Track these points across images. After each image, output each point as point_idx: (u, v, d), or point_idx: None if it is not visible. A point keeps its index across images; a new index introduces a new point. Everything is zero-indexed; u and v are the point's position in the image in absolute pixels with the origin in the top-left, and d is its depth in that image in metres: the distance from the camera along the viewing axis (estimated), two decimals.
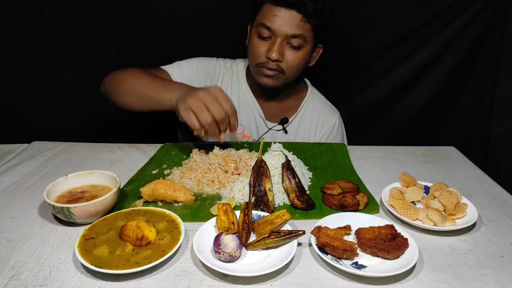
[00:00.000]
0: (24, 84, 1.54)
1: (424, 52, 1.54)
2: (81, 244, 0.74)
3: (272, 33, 1.22)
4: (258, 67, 1.28)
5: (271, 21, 1.20)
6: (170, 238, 0.76)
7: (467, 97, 1.62)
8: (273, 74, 1.27)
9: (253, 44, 1.27)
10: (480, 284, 0.70)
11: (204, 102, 0.98)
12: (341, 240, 0.75)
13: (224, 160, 1.07)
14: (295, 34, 1.21)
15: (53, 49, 1.48)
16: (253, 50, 1.28)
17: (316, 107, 1.46)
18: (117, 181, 0.90)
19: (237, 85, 1.42)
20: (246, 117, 1.41)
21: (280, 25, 1.20)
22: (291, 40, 1.22)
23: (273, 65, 1.24)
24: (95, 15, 1.44)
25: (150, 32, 1.48)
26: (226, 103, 1.00)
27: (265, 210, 0.89)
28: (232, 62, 1.46)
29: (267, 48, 1.24)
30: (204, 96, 0.98)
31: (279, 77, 1.28)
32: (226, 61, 1.46)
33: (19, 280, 0.69)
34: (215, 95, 0.99)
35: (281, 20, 1.19)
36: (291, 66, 1.26)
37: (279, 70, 1.26)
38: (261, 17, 1.23)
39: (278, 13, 1.19)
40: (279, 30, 1.20)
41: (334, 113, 1.48)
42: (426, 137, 1.72)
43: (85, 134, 1.43)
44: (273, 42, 1.22)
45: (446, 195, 0.89)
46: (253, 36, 1.28)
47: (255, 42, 1.26)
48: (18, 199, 0.95)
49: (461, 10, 1.45)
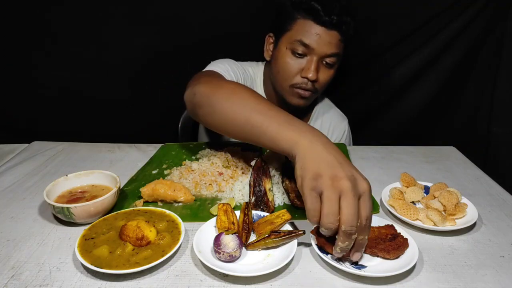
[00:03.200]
0: (24, 84, 1.54)
1: (424, 52, 1.54)
2: (81, 244, 0.74)
3: (309, 51, 1.16)
4: (292, 87, 1.22)
5: (310, 39, 1.14)
6: (170, 238, 0.76)
7: (467, 97, 1.62)
8: (308, 96, 1.23)
9: (285, 62, 1.20)
10: (480, 284, 0.70)
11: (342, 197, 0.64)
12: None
13: (224, 164, 1.07)
14: (333, 53, 1.17)
15: (53, 49, 1.48)
16: (285, 68, 1.20)
17: (326, 114, 1.45)
18: (117, 181, 0.90)
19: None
20: None
21: (320, 44, 1.14)
22: (326, 59, 1.18)
23: (309, 85, 1.20)
24: (95, 15, 1.44)
25: (150, 33, 1.48)
26: (365, 212, 0.65)
27: (265, 210, 0.89)
28: (254, 67, 1.38)
29: (303, 67, 1.18)
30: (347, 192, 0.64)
31: (312, 97, 1.26)
32: (247, 65, 1.37)
33: (19, 280, 0.69)
34: (360, 195, 0.66)
35: (323, 40, 1.14)
36: (324, 85, 1.24)
37: (312, 90, 1.22)
38: (297, 33, 1.16)
39: (319, 32, 1.14)
40: (318, 49, 1.15)
41: (343, 119, 1.48)
42: (426, 137, 1.72)
43: (85, 134, 1.43)
44: (310, 61, 1.17)
45: (446, 195, 0.89)
46: (284, 52, 1.20)
47: (288, 60, 1.19)
48: (18, 199, 0.95)
49: (461, 10, 1.45)
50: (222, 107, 0.86)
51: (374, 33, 1.52)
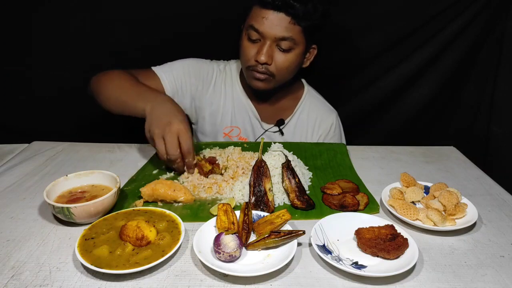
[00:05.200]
0: (24, 84, 1.53)
1: (424, 52, 1.54)
2: (81, 244, 0.74)
3: (261, 35, 1.20)
4: (248, 70, 1.27)
5: (259, 24, 1.18)
6: (170, 238, 0.76)
7: (467, 97, 1.62)
8: (263, 78, 1.25)
9: (243, 46, 1.26)
10: (480, 284, 0.70)
11: (164, 137, 0.99)
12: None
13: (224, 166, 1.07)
14: (284, 37, 1.18)
15: (53, 49, 1.48)
16: (243, 52, 1.26)
17: (313, 107, 1.44)
18: (117, 181, 0.90)
19: (231, 87, 1.40)
20: (242, 119, 1.40)
21: (268, 27, 1.18)
22: (280, 43, 1.20)
23: (262, 68, 1.23)
24: (96, 15, 1.44)
25: (150, 33, 1.48)
26: (185, 143, 1.00)
27: (265, 210, 0.89)
28: (226, 63, 1.45)
29: (256, 51, 1.22)
30: (166, 133, 0.99)
31: (270, 80, 1.26)
32: (219, 63, 1.44)
33: (19, 280, 0.69)
34: (177, 133, 0.99)
35: (270, 22, 1.17)
36: (281, 69, 1.24)
37: (268, 73, 1.24)
38: (251, 19, 1.22)
39: (266, 16, 1.17)
40: (267, 32, 1.18)
41: (331, 112, 1.46)
42: (426, 137, 1.72)
43: (85, 134, 1.43)
44: (262, 45, 1.21)
45: (446, 195, 0.89)
46: (243, 38, 1.26)
47: (245, 45, 1.25)
48: (18, 199, 0.95)
49: (461, 10, 1.45)
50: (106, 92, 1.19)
51: (374, 32, 1.51)
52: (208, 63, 1.41)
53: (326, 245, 0.77)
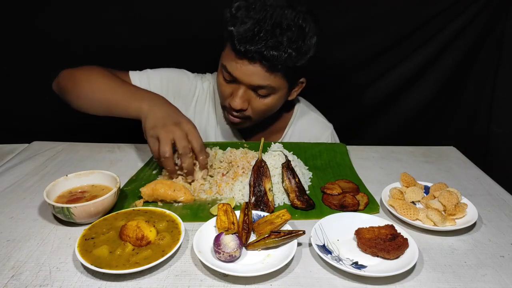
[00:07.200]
0: (24, 84, 1.54)
1: (424, 52, 1.54)
2: (81, 244, 0.74)
3: (235, 79, 1.08)
4: (224, 108, 1.19)
5: (233, 68, 1.05)
6: (170, 238, 0.76)
7: (467, 97, 1.62)
8: (238, 122, 1.17)
9: (218, 82, 1.14)
10: (480, 284, 0.70)
11: (174, 136, 0.93)
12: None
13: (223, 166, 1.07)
14: (261, 85, 1.06)
15: (53, 49, 1.48)
16: (219, 88, 1.15)
17: (306, 126, 1.34)
18: (117, 181, 0.90)
19: (213, 109, 1.30)
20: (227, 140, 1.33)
21: (242, 75, 1.05)
22: (257, 90, 1.09)
23: (236, 113, 1.14)
24: (96, 15, 1.44)
25: (150, 33, 1.48)
26: (196, 142, 0.95)
27: (265, 210, 0.89)
28: (211, 80, 1.31)
29: (231, 92, 1.11)
30: (175, 131, 0.93)
31: (246, 122, 1.18)
32: (204, 79, 1.30)
33: (19, 280, 0.69)
34: (186, 132, 0.95)
35: (244, 70, 1.04)
36: (259, 113, 1.14)
37: (244, 117, 1.15)
38: (224, 58, 1.09)
39: (240, 64, 1.04)
40: (242, 79, 1.06)
41: (326, 129, 1.36)
42: (426, 137, 1.72)
43: (85, 134, 1.42)
44: (236, 89, 1.09)
45: (446, 195, 0.89)
46: (219, 72, 1.13)
47: (220, 81, 1.13)
48: (18, 199, 0.95)
49: (461, 10, 1.45)
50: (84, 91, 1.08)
51: (374, 32, 1.52)
52: (191, 78, 1.28)
53: (326, 245, 0.77)
